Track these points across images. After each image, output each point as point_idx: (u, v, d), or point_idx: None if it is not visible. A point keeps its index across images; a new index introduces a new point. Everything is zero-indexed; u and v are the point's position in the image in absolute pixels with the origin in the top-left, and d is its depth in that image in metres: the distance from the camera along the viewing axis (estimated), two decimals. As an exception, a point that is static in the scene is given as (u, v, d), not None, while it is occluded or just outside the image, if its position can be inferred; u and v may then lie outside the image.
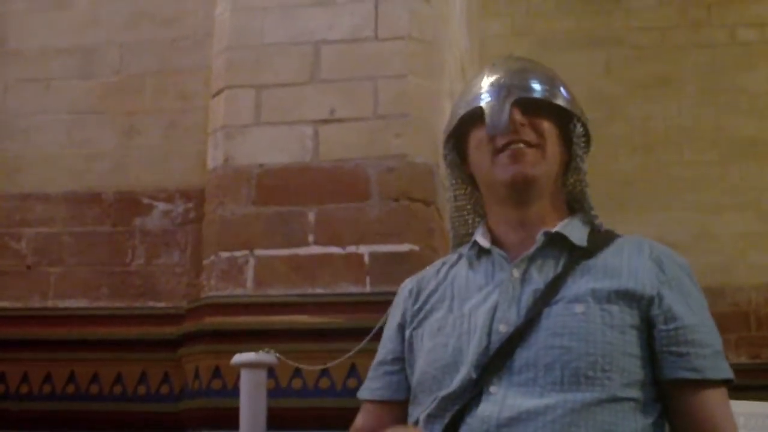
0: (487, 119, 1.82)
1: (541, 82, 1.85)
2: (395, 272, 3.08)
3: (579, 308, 1.65)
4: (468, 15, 4.51)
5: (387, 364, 1.97)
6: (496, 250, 1.83)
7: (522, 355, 1.65)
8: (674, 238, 5.46)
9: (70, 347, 3.38)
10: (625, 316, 1.65)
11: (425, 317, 1.89)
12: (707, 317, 1.72)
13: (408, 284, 2.01)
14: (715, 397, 1.66)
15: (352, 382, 2.94)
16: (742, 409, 3.97)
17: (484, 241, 1.87)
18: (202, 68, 3.60)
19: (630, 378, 1.63)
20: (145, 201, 3.54)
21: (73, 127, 3.67)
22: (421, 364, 1.83)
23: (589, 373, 1.60)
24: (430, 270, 2.01)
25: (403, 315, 1.96)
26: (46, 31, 3.80)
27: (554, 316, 1.66)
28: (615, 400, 1.60)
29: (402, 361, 1.93)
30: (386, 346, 1.99)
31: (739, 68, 6.65)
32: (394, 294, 2.61)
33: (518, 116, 1.80)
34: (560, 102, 1.84)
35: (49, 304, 3.50)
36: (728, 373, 1.69)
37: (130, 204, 3.55)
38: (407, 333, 1.92)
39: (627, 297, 1.67)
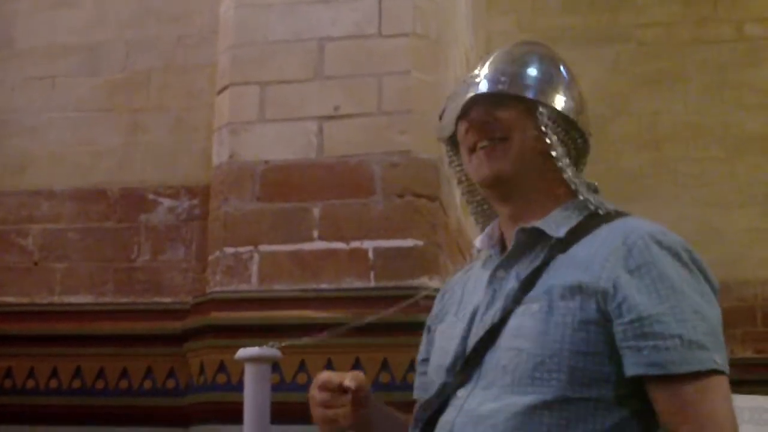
0: (441, 124, 1.81)
1: (508, 72, 1.78)
2: (399, 267, 3.10)
3: (535, 307, 1.60)
4: (474, 11, 4.52)
5: (420, 365, 1.97)
6: (494, 251, 1.82)
7: (488, 359, 1.62)
8: (680, 233, 5.44)
9: (76, 342, 3.41)
10: (582, 312, 1.57)
11: (441, 321, 1.89)
12: (682, 304, 1.55)
13: (444, 285, 2.01)
14: (687, 391, 1.51)
15: (356, 377, 2.95)
16: (748, 403, 3.97)
17: (479, 242, 1.86)
18: (207, 65, 3.62)
19: (586, 377, 1.54)
20: (151, 197, 3.56)
21: (79, 125, 3.70)
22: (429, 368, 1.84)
23: (536, 374, 1.55)
24: (461, 270, 2.00)
25: (431, 317, 1.97)
26: (52, 30, 3.82)
27: (517, 316, 1.62)
28: (565, 401, 1.53)
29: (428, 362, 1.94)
30: (420, 347, 1.99)
31: (746, 64, 6.63)
32: (398, 289, 2.62)
33: (478, 115, 1.76)
34: (517, 91, 1.76)
35: (56, 299, 3.53)
36: (701, 365, 1.52)
37: (135, 200, 3.57)
38: (431, 335, 1.93)
39: (583, 291, 1.58)
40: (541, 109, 1.75)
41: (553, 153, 1.73)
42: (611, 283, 1.57)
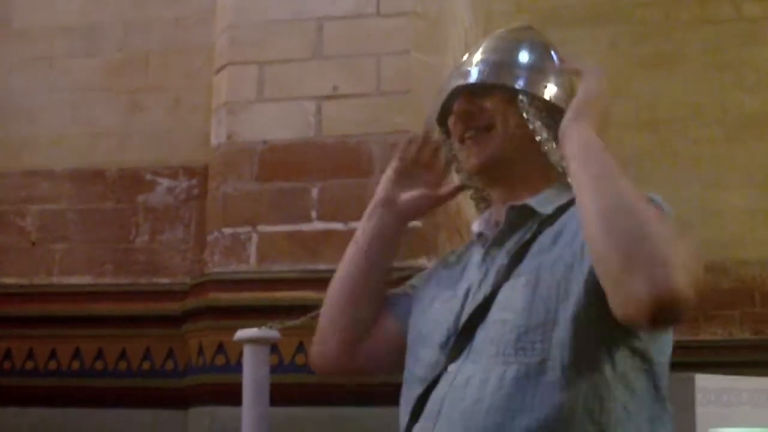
0: (426, 119, 1.88)
1: (493, 61, 1.83)
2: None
3: (522, 281, 1.61)
4: (472, -9, 4.50)
5: (406, 287, 2.01)
6: (491, 233, 1.83)
7: (479, 333, 1.63)
8: (679, 215, 5.45)
9: (74, 324, 3.40)
10: (566, 283, 1.56)
11: (428, 286, 1.91)
12: None
13: (443, 257, 2.03)
14: None
15: (355, 358, 2.95)
16: (746, 384, 3.98)
17: (476, 226, 1.88)
18: (205, 45, 3.60)
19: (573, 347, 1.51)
20: (149, 178, 3.55)
21: (77, 105, 3.68)
22: None
23: (519, 344, 1.55)
24: (460, 248, 2.01)
25: (420, 278, 1.98)
26: (49, 10, 3.79)
27: (505, 290, 1.63)
28: (546, 371, 1.51)
29: None
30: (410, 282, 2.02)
31: (745, 44, 6.60)
32: (397, 269, 2.61)
33: (461, 106, 1.81)
34: (498, 80, 1.80)
35: (54, 280, 3.52)
36: None
37: (134, 181, 3.56)
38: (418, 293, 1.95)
39: (566, 264, 1.58)
40: (521, 96, 1.77)
41: (537, 138, 1.75)
42: (580, 245, 1.56)
